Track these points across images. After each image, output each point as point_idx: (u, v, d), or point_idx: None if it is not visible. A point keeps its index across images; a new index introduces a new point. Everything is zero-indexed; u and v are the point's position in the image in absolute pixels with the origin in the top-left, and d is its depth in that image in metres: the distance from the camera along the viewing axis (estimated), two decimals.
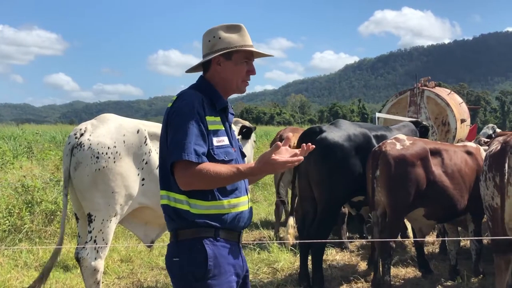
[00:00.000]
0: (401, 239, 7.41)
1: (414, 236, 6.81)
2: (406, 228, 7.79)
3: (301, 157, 2.60)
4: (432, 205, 5.86)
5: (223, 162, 2.64)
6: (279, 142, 2.58)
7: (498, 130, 9.14)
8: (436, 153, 5.92)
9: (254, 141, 7.76)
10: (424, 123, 7.77)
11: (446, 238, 6.69)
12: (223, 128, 2.73)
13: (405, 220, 6.99)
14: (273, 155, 2.52)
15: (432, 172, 5.78)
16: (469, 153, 6.20)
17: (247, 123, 7.43)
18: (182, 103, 2.65)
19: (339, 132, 6.11)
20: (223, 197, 2.64)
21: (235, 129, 7.02)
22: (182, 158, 2.51)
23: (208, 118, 2.64)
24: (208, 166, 2.53)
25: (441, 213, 6.02)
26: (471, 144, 6.55)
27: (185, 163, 2.52)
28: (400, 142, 5.85)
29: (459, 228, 6.74)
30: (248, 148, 7.30)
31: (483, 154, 6.10)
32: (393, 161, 5.65)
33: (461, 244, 7.61)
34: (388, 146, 5.77)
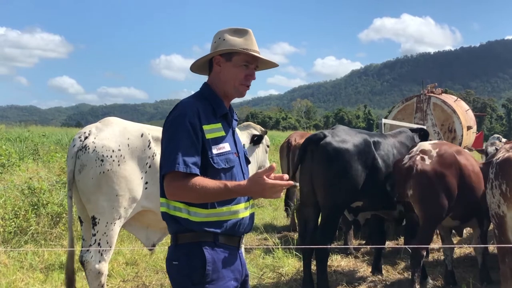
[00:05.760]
0: (406, 246, 7.39)
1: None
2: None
3: (292, 182, 2.56)
4: (460, 206, 5.86)
5: (223, 170, 2.64)
6: (274, 164, 2.58)
7: (503, 140, 9.13)
8: (459, 153, 5.95)
9: (268, 146, 7.71)
10: (423, 127, 7.77)
11: (453, 245, 6.63)
12: (225, 134, 2.71)
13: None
14: (264, 176, 2.47)
15: (462, 173, 5.78)
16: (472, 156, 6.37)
17: (258, 127, 7.39)
18: (175, 115, 2.65)
19: (342, 138, 6.13)
20: (223, 205, 2.62)
21: (246, 134, 6.99)
22: (170, 170, 2.52)
23: (206, 127, 2.62)
24: (196, 179, 2.51)
25: (464, 212, 6.02)
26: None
27: (173, 174, 2.52)
28: (428, 154, 5.81)
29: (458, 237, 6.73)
30: (259, 153, 7.26)
31: None
32: (428, 178, 5.63)
33: (467, 251, 7.60)
34: (418, 162, 5.73)
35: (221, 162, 2.64)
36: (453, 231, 6.72)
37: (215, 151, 2.63)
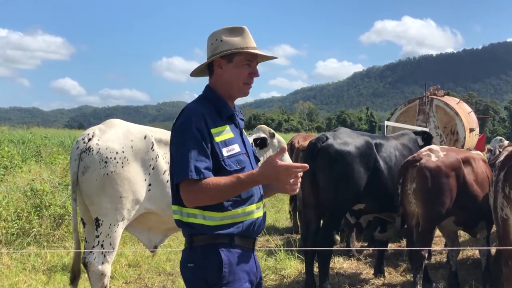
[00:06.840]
0: (409, 248, 7.38)
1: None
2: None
3: (306, 165, 2.51)
4: (462, 212, 5.88)
5: (236, 171, 2.61)
6: (284, 147, 2.53)
7: (506, 142, 9.10)
8: (466, 162, 5.95)
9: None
10: (426, 130, 7.75)
11: (460, 248, 6.61)
12: (233, 135, 2.70)
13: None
14: (277, 159, 2.46)
15: (465, 181, 5.80)
16: (484, 161, 6.33)
17: (268, 130, 7.36)
18: (181, 122, 2.64)
19: (344, 140, 6.13)
20: (237, 206, 2.61)
21: (254, 137, 6.97)
22: (184, 178, 2.50)
23: (214, 130, 2.61)
24: (208, 180, 2.50)
25: (469, 220, 6.04)
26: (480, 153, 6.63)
27: (188, 181, 2.50)
28: (435, 153, 5.86)
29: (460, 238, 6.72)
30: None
31: None
32: (430, 173, 5.66)
33: (470, 253, 7.59)
34: (424, 158, 5.76)
35: (232, 164, 2.62)
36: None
37: (225, 153, 2.61)
